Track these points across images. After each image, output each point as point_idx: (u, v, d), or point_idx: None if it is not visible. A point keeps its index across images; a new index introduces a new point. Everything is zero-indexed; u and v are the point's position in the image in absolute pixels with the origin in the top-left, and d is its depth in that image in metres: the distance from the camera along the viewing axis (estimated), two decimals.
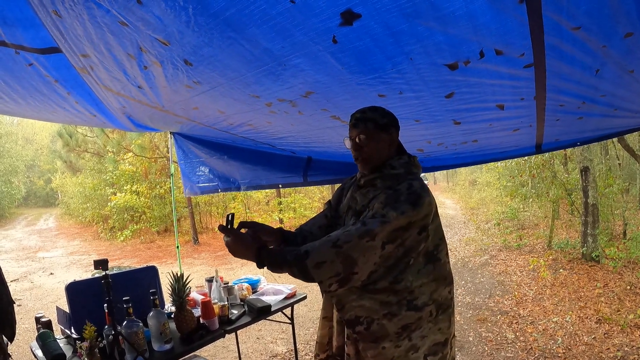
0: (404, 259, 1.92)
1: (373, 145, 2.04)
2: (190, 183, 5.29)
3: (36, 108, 3.36)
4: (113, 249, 16.85)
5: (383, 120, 2.04)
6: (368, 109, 2.06)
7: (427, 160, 4.28)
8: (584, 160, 9.14)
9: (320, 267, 1.79)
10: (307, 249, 1.82)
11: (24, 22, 2.06)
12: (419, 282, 1.96)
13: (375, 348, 1.96)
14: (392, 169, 2.05)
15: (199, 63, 2.08)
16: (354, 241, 1.80)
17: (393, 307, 1.94)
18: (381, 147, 2.06)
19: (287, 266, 1.86)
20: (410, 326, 1.97)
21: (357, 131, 2.04)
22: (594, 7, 1.36)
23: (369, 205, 1.99)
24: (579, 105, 2.36)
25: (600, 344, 5.36)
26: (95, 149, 18.86)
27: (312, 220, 2.39)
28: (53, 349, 2.71)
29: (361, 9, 1.43)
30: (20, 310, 8.37)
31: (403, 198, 1.89)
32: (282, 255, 1.88)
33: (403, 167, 2.07)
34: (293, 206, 18.40)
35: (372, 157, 2.06)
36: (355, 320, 1.97)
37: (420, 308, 1.97)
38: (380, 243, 1.82)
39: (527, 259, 10.05)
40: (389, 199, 1.90)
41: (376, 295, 1.94)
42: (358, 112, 2.06)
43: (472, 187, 28.35)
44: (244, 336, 6.19)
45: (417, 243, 1.93)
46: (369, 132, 2.03)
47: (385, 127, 2.05)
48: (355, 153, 2.09)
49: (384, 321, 1.94)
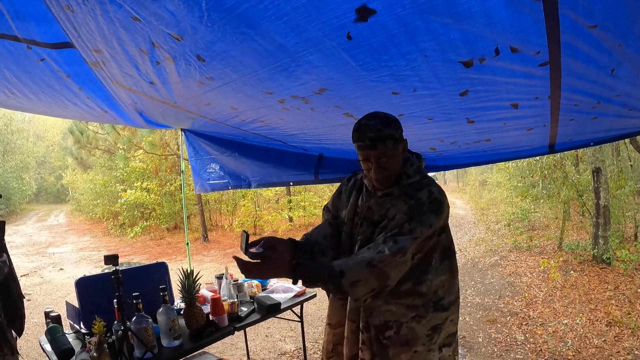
0: (426, 260, 1.96)
1: (395, 161, 1.97)
2: (201, 180, 5.30)
3: (48, 104, 3.37)
4: (123, 245, 16.92)
5: (398, 132, 1.94)
6: (381, 124, 1.90)
7: (439, 159, 4.26)
8: (595, 161, 9.07)
9: (356, 286, 1.81)
10: (342, 269, 1.81)
11: (36, 17, 2.07)
12: (438, 279, 1.99)
13: (407, 352, 1.98)
14: (408, 178, 2.03)
15: (211, 59, 2.07)
16: (387, 259, 1.82)
17: (419, 310, 1.97)
18: (400, 160, 2.02)
19: (322, 283, 1.85)
20: (439, 327, 2.01)
21: (377, 152, 1.91)
22: (610, 5, 1.34)
23: (387, 214, 2.00)
24: (593, 105, 2.34)
25: (610, 347, 5.32)
26: (106, 146, 19.00)
27: (317, 230, 2.31)
28: (62, 343, 2.73)
29: (376, 4, 1.42)
30: (30, 304, 8.42)
31: (426, 208, 1.90)
32: (317, 272, 1.86)
33: (417, 172, 2.06)
34: (303, 204, 18.39)
35: (393, 175, 2.02)
36: (384, 325, 1.99)
37: (447, 308, 2.02)
38: (410, 256, 1.87)
39: (538, 260, 10.00)
40: (412, 210, 1.91)
41: (401, 300, 1.97)
42: (371, 131, 1.89)
43: (482, 187, 28.23)
44: (252, 333, 6.19)
45: (437, 244, 1.97)
46: (390, 150, 1.92)
47: (400, 139, 1.98)
48: (377, 175, 1.98)
49: (412, 324, 1.97)
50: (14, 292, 2.59)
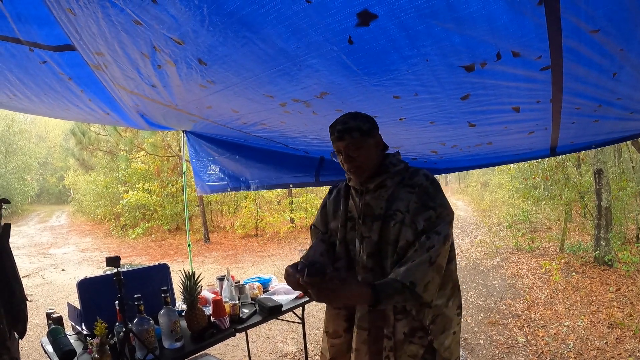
0: None
1: (364, 152, 2.03)
2: (201, 182, 5.30)
3: (50, 106, 3.38)
4: (124, 246, 16.95)
5: (365, 125, 2.02)
6: (348, 117, 2.03)
7: (441, 162, 4.26)
8: (597, 163, 9.07)
9: (428, 288, 1.85)
10: (411, 280, 1.82)
11: (38, 20, 2.07)
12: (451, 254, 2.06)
13: (448, 336, 2.02)
14: (394, 166, 2.10)
15: (213, 62, 2.07)
16: (440, 251, 1.89)
17: (449, 292, 2.03)
18: (371, 152, 2.06)
19: (398, 295, 1.84)
20: (462, 304, 2.11)
21: (344, 143, 2.01)
22: (613, 9, 1.34)
23: (392, 206, 2.02)
24: (595, 108, 2.34)
25: (612, 349, 5.32)
26: (107, 147, 19.02)
27: (312, 250, 2.31)
28: (64, 344, 2.73)
29: (378, 9, 1.42)
30: (32, 305, 8.42)
31: (432, 190, 1.99)
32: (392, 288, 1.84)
33: (401, 161, 2.14)
34: (304, 206, 18.43)
35: (365, 165, 2.05)
36: (430, 322, 2.00)
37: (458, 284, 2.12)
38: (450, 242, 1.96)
39: (539, 262, 10.00)
40: (421, 196, 1.98)
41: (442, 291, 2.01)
42: (339, 124, 2.02)
43: (484, 189, 28.23)
44: (254, 335, 6.20)
45: None
46: (356, 141, 2.00)
47: (369, 132, 2.04)
48: (347, 165, 2.06)
49: (444, 309, 2.01)
50: (17, 294, 2.59)
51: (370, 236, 2.05)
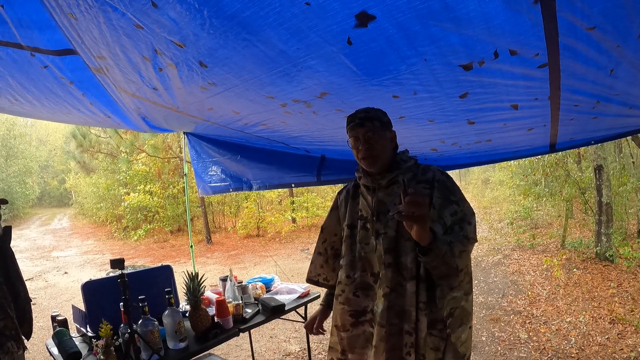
0: None
1: (381, 142, 2.09)
2: (203, 183, 5.31)
3: (51, 109, 3.39)
4: (127, 248, 16.96)
5: (385, 118, 2.13)
6: (370, 108, 2.12)
7: (441, 159, 4.27)
8: (597, 159, 9.06)
9: (462, 257, 1.90)
10: (450, 240, 1.85)
11: (39, 25, 2.08)
12: None
13: (465, 330, 2.02)
14: (405, 162, 2.13)
15: (214, 65, 2.09)
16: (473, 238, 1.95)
17: (466, 286, 2.02)
18: (387, 144, 2.12)
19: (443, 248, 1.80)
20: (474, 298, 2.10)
21: (365, 129, 2.07)
22: (609, 6, 1.36)
23: None
24: (593, 104, 2.35)
25: (613, 345, 5.32)
26: (108, 150, 19.03)
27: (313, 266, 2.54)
28: (69, 347, 2.74)
29: (376, 10, 1.44)
30: (35, 308, 8.43)
31: (450, 184, 2.04)
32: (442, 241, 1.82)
33: (410, 157, 2.18)
34: (306, 205, 18.42)
35: (381, 154, 2.09)
36: (448, 314, 1.98)
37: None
38: None
39: (541, 258, 9.99)
40: (442, 191, 2.01)
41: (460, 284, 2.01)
42: (361, 112, 2.10)
43: (484, 186, 28.16)
44: (257, 335, 6.21)
45: None
46: (377, 129, 2.08)
47: (388, 125, 2.13)
48: (365, 152, 2.09)
49: (462, 303, 2.00)
50: (21, 295, 2.61)
51: (387, 232, 2.06)
